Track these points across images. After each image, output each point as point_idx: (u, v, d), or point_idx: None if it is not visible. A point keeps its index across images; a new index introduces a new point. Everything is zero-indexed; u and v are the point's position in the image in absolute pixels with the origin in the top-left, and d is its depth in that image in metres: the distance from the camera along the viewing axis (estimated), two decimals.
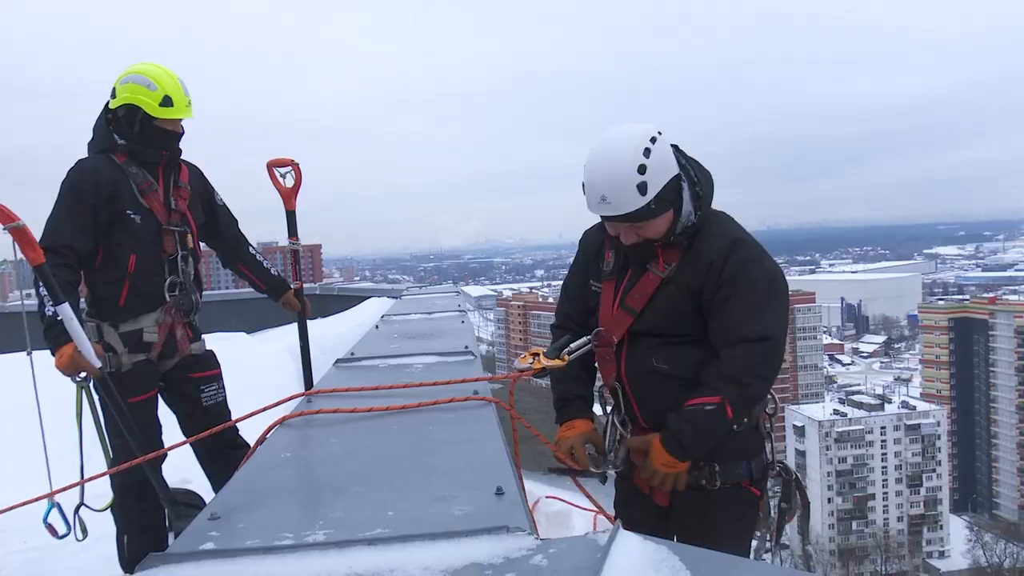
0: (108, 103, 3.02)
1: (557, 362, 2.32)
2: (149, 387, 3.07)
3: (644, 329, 2.27)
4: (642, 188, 2.10)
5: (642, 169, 2.09)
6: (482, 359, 3.51)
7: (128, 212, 2.94)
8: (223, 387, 3.33)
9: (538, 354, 2.37)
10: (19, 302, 3.26)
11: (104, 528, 3.28)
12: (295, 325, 3.87)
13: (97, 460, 3.03)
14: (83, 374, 2.71)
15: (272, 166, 3.70)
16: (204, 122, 3.15)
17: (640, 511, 2.40)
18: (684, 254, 2.23)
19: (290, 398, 2.53)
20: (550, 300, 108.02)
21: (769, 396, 2.34)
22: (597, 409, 2.60)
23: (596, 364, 2.45)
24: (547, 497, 4.98)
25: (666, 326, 2.25)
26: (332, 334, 6.99)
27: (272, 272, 3.65)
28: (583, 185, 2.19)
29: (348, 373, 3.10)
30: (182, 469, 3.71)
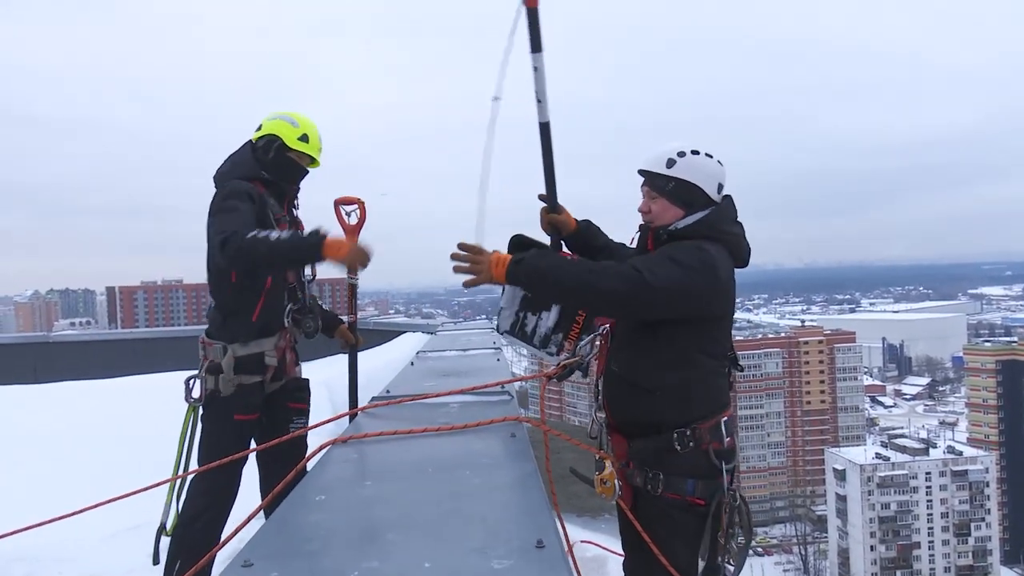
0: (251, 140, 3.31)
1: (574, 359, 2.73)
2: (256, 408, 3.19)
3: (619, 329, 2.61)
4: (670, 163, 2.53)
5: (679, 154, 2.54)
6: (516, 396, 3.46)
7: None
8: (308, 421, 3.42)
9: (560, 362, 2.80)
10: (65, 332, 3.37)
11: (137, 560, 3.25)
12: (333, 359, 3.87)
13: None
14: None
15: (339, 204, 3.75)
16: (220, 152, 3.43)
17: (624, 527, 2.64)
18: None
19: (325, 441, 2.49)
20: None
21: (721, 428, 2.49)
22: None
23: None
24: (582, 542, 4.86)
25: (628, 323, 2.58)
26: (367, 369, 6.96)
27: (324, 307, 3.70)
28: None
29: (383, 411, 3.07)
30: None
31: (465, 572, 1.39)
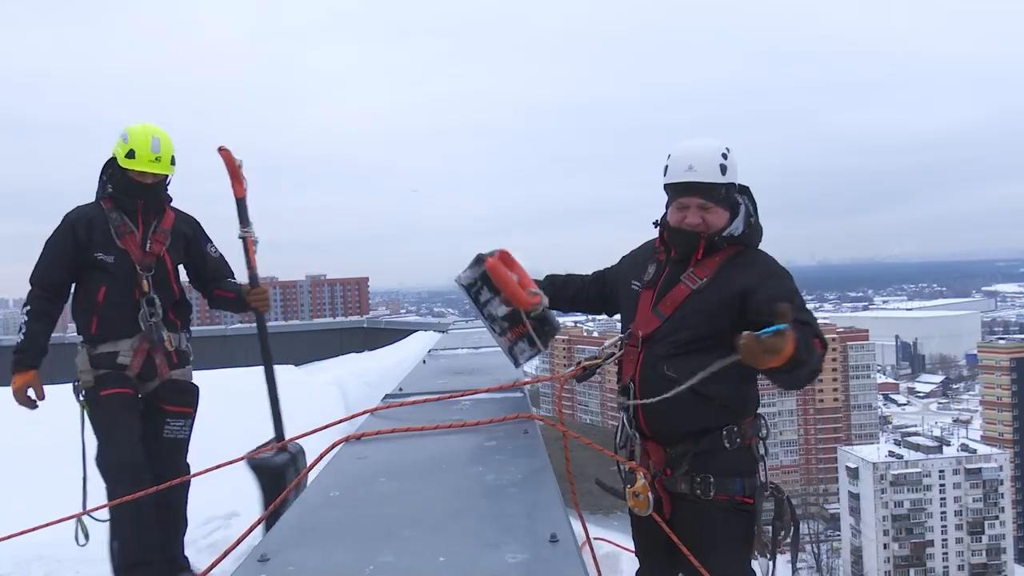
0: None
1: (595, 361, 2.66)
2: (122, 385, 3.32)
3: (667, 334, 2.48)
4: (723, 169, 2.43)
5: (724, 156, 2.44)
6: (528, 394, 3.45)
7: (97, 255, 3.30)
8: (190, 426, 3.50)
9: (580, 362, 2.73)
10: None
11: None
12: (343, 358, 3.89)
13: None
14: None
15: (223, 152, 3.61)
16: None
17: (648, 535, 2.57)
18: (719, 272, 2.47)
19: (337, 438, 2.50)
20: (595, 334, 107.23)
21: (761, 421, 2.55)
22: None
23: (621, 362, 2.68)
24: (595, 539, 4.85)
25: (687, 330, 2.45)
26: (379, 367, 7.00)
27: (235, 282, 3.72)
28: (666, 168, 2.50)
29: (396, 409, 3.08)
30: (230, 502, 3.72)
31: (480, 566, 1.40)
